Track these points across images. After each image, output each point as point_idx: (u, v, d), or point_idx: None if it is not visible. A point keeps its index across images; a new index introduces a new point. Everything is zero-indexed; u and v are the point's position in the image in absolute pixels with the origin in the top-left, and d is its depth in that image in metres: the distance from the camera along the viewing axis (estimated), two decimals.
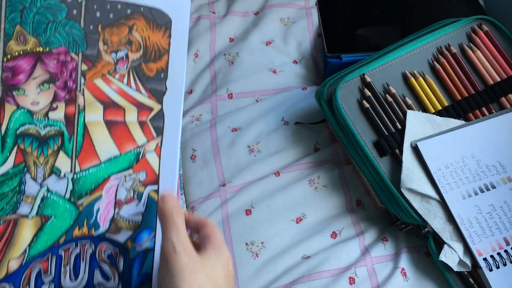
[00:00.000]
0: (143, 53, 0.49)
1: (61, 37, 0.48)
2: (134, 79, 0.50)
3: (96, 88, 0.49)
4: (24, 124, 0.48)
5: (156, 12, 0.49)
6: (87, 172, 0.49)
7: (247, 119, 0.69)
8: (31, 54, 0.47)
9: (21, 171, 0.48)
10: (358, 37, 0.71)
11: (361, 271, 0.57)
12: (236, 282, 0.58)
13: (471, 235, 0.54)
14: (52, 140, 0.48)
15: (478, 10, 0.72)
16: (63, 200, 0.48)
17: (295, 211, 0.62)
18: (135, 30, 0.49)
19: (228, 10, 0.79)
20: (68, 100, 0.48)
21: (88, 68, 0.48)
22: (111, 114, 0.49)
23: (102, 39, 0.48)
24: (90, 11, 0.48)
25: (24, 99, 0.47)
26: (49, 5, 0.47)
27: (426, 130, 0.58)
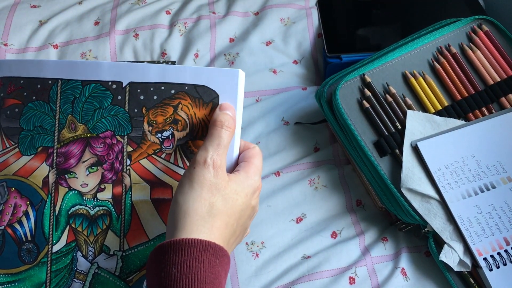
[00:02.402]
0: (190, 131, 0.49)
1: (107, 122, 0.50)
2: (181, 157, 0.49)
3: (142, 168, 0.50)
4: (75, 205, 0.50)
5: (202, 89, 0.48)
6: (135, 250, 0.49)
7: (247, 119, 0.69)
8: (81, 140, 0.50)
9: (73, 249, 0.50)
10: (358, 37, 0.71)
11: (361, 271, 0.57)
12: (236, 282, 0.58)
13: (471, 235, 0.54)
14: (101, 220, 0.50)
15: (478, 10, 0.72)
16: (113, 277, 0.49)
17: (295, 211, 0.62)
18: (180, 109, 0.49)
19: (228, 10, 0.79)
20: (115, 181, 0.50)
21: (133, 150, 0.50)
22: (159, 193, 0.49)
23: (147, 121, 0.49)
24: (134, 95, 0.49)
25: (75, 182, 0.50)
26: (96, 93, 0.50)
27: (426, 130, 0.58)
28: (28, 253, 0.50)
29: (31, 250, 0.50)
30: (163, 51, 0.75)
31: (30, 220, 0.50)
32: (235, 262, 0.59)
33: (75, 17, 0.78)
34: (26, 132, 0.52)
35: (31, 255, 0.50)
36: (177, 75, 0.49)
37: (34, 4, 0.79)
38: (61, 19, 0.77)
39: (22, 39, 0.76)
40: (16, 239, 0.50)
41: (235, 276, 0.58)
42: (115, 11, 0.78)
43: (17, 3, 0.79)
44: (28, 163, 0.51)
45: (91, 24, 0.77)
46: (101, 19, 0.77)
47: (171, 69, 0.49)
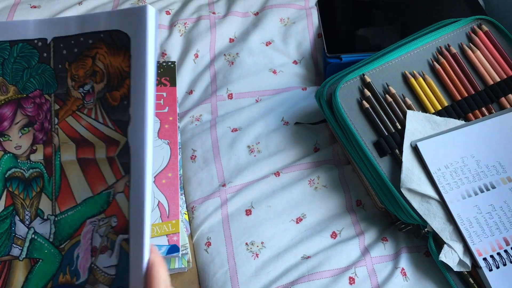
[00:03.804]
0: (107, 82, 0.47)
1: (35, 81, 0.50)
2: (100, 111, 0.48)
3: (68, 126, 0.49)
4: (11, 168, 0.50)
5: (115, 35, 0.47)
6: (66, 214, 0.49)
7: (247, 119, 0.69)
8: (12, 101, 0.50)
9: (11, 213, 0.49)
10: (358, 37, 0.71)
11: (361, 271, 0.57)
12: (236, 282, 0.58)
13: (471, 235, 0.54)
14: (35, 182, 0.49)
15: (478, 10, 0.72)
16: (48, 243, 0.49)
17: (295, 211, 0.62)
18: (98, 60, 0.48)
19: (228, 10, 0.79)
20: (46, 142, 0.49)
21: (60, 107, 0.49)
22: (83, 152, 0.49)
23: (70, 76, 0.49)
24: (58, 51, 0.49)
25: (9, 144, 0.50)
26: (23, 53, 0.50)
27: (426, 130, 0.58)
28: None
29: None
30: (163, 51, 0.75)
31: None
32: (235, 262, 0.59)
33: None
34: None
35: None
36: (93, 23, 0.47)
37: (34, 5, 0.79)
38: None
39: None
40: None
41: (235, 276, 0.58)
42: None
43: (17, 4, 0.79)
44: None
45: None
46: None
47: (88, 18, 0.48)
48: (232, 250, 0.60)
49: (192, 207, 0.63)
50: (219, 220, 0.62)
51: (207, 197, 0.63)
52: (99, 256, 0.48)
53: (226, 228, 0.61)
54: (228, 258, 0.59)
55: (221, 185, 0.64)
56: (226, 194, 0.63)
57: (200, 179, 0.65)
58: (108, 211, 0.48)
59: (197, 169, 0.66)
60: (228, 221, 0.62)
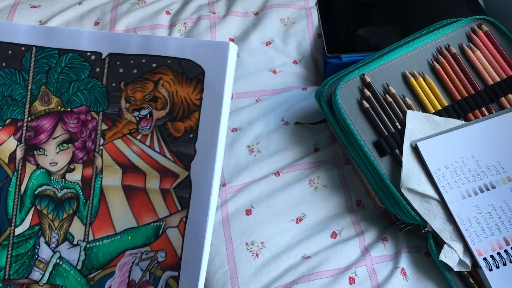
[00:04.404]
0: (169, 110, 0.44)
1: (83, 96, 0.46)
2: (158, 140, 0.45)
3: (116, 149, 0.45)
4: (42, 185, 0.46)
5: (186, 64, 0.44)
6: (100, 242, 0.45)
7: (247, 119, 0.69)
8: (53, 114, 0.46)
9: (36, 234, 0.46)
10: (358, 37, 0.71)
11: (361, 271, 0.57)
12: (236, 281, 0.58)
13: (471, 235, 0.54)
14: (68, 204, 0.46)
15: (478, 10, 0.72)
16: (74, 270, 0.45)
17: (295, 211, 0.62)
18: (161, 85, 0.45)
19: (228, 10, 0.79)
20: (86, 162, 0.46)
21: (108, 128, 0.45)
22: (130, 179, 0.45)
23: (125, 97, 0.45)
24: (113, 68, 0.45)
25: (44, 159, 0.46)
26: (73, 64, 0.46)
27: (426, 130, 0.58)
28: None
29: None
30: None
31: None
32: (235, 262, 0.59)
33: (75, 17, 0.78)
34: None
35: None
36: (160, 46, 0.44)
37: (34, 5, 0.79)
38: (61, 19, 0.77)
39: None
40: None
41: (235, 276, 0.58)
42: (115, 11, 0.78)
43: (17, 4, 0.79)
44: None
45: (91, 24, 0.77)
46: (101, 19, 0.77)
47: (154, 40, 0.44)
48: (232, 250, 0.60)
49: None
50: (219, 220, 0.62)
51: None
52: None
53: (226, 228, 0.61)
54: (228, 258, 0.59)
55: (221, 185, 0.64)
56: (226, 194, 0.63)
57: None
58: (155, 245, 0.45)
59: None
60: (228, 221, 0.62)
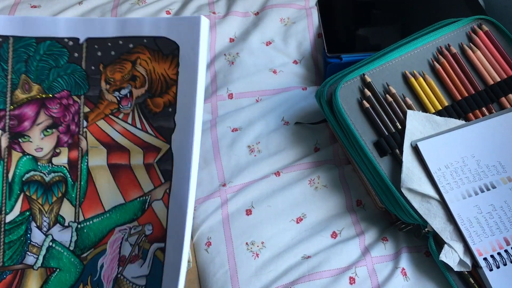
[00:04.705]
0: (148, 87, 0.46)
1: (63, 81, 0.47)
2: (139, 117, 0.46)
3: (99, 130, 0.46)
4: (29, 171, 0.47)
5: (161, 41, 0.45)
6: (91, 222, 0.46)
7: (247, 119, 0.69)
8: (35, 101, 0.47)
9: (27, 219, 0.47)
10: (358, 37, 0.71)
11: (361, 271, 0.57)
12: (236, 282, 0.58)
13: (471, 235, 0.54)
14: (56, 187, 0.47)
15: (478, 10, 0.72)
16: (67, 251, 0.46)
17: (295, 211, 0.62)
18: (138, 64, 0.46)
19: (228, 10, 0.79)
20: (71, 145, 0.47)
21: (90, 110, 0.47)
22: (115, 158, 0.46)
23: (104, 79, 0.46)
24: (91, 52, 0.46)
25: (29, 146, 0.47)
26: (51, 51, 0.47)
27: (426, 130, 0.58)
28: None
29: None
30: None
31: None
32: (235, 262, 0.59)
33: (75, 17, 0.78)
34: None
35: None
36: (136, 27, 0.45)
37: (34, 4, 0.79)
38: None
39: None
40: None
41: (235, 276, 0.58)
42: (115, 11, 0.78)
43: (17, 3, 0.79)
44: None
45: None
46: None
47: (130, 22, 0.45)
48: (232, 250, 0.60)
49: None
50: (219, 220, 0.62)
51: (207, 197, 0.63)
52: (128, 265, 0.45)
53: (226, 228, 0.61)
54: (228, 258, 0.59)
55: (221, 185, 0.64)
56: (226, 194, 0.63)
57: (200, 179, 0.65)
58: (142, 219, 0.46)
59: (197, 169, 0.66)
60: (228, 221, 0.62)
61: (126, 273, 0.45)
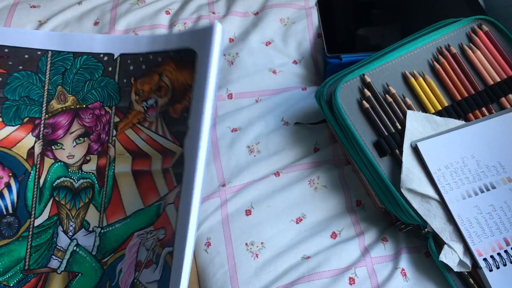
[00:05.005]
0: (171, 96, 0.47)
1: (97, 93, 0.50)
2: (161, 124, 0.48)
3: (126, 138, 0.49)
4: (60, 177, 0.49)
5: (185, 52, 0.46)
6: (113, 227, 0.48)
7: (247, 119, 0.69)
8: (70, 111, 0.50)
9: (54, 223, 0.48)
10: (358, 37, 0.71)
11: (361, 271, 0.57)
12: (236, 282, 0.58)
13: (471, 235, 0.54)
14: (84, 193, 0.49)
15: (478, 10, 0.72)
16: (90, 256, 0.47)
17: (295, 211, 0.62)
18: (164, 76, 0.48)
19: (228, 10, 0.78)
20: (101, 153, 0.49)
21: (120, 120, 0.49)
22: (139, 164, 0.48)
23: (134, 90, 0.49)
24: (124, 66, 0.49)
25: (61, 153, 0.49)
26: (87, 65, 0.50)
27: (426, 130, 0.58)
28: (8, 227, 0.48)
29: (12, 224, 0.48)
30: None
31: (12, 192, 0.48)
32: (235, 262, 0.59)
33: (74, 17, 0.78)
34: (11, 102, 0.49)
35: (12, 229, 0.48)
36: (165, 42, 0.47)
37: (33, 4, 0.79)
38: (61, 19, 0.77)
39: None
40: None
41: (235, 276, 0.58)
42: (115, 11, 0.78)
43: (17, 3, 0.79)
44: (12, 134, 0.49)
45: (90, 24, 0.77)
46: (101, 19, 0.77)
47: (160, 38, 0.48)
48: (232, 250, 0.60)
49: None
50: (219, 220, 0.62)
51: (206, 197, 0.63)
52: (143, 270, 0.45)
53: (226, 228, 0.61)
54: (228, 258, 0.59)
55: (221, 185, 0.64)
56: (226, 194, 0.63)
57: None
58: (157, 224, 0.47)
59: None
60: (228, 221, 0.61)
61: (141, 278, 0.46)
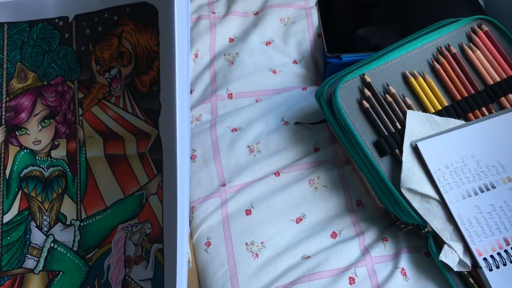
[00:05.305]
0: (135, 64, 0.41)
1: (57, 66, 0.44)
2: (129, 99, 0.42)
3: (94, 117, 0.43)
4: (28, 166, 0.43)
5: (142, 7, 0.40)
6: (94, 219, 0.42)
7: (247, 119, 0.69)
8: (32, 90, 0.44)
9: (26, 219, 0.43)
10: (358, 37, 0.71)
11: (361, 271, 0.57)
12: (236, 282, 0.58)
13: (471, 235, 0.54)
14: (56, 183, 0.43)
15: (478, 10, 0.72)
16: (71, 253, 0.42)
17: (295, 211, 0.62)
18: (124, 38, 0.42)
19: (228, 10, 0.79)
20: (69, 135, 0.43)
21: (84, 96, 0.43)
22: (111, 147, 0.42)
23: (94, 59, 0.43)
24: (80, 30, 0.43)
25: (27, 139, 0.44)
26: (43, 34, 0.44)
27: (426, 130, 0.58)
28: None
29: None
30: None
31: None
32: (235, 262, 0.59)
33: None
34: None
35: None
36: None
37: None
38: None
39: None
40: None
41: (234, 276, 0.58)
42: None
43: None
44: None
45: None
46: None
47: None
48: (232, 250, 0.60)
49: (192, 207, 0.63)
50: (219, 220, 0.62)
51: (207, 197, 0.63)
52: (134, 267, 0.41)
53: (226, 228, 0.61)
54: (228, 258, 0.59)
55: (221, 185, 0.64)
56: (226, 194, 0.63)
57: (200, 179, 0.65)
58: (141, 216, 0.42)
59: (197, 169, 0.66)
60: (228, 221, 0.61)
61: (133, 275, 0.41)
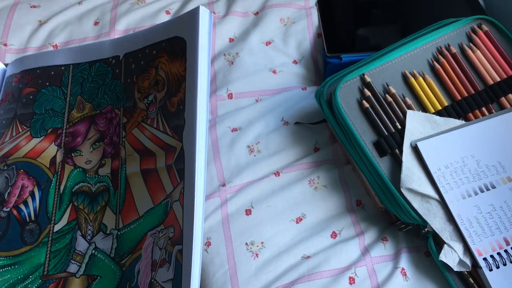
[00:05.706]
0: (167, 89, 0.47)
1: (108, 97, 0.51)
2: (161, 120, 0.48)
3: (134, 138, 0.49)
4: (79, 182, 0.50)
5: (174, 41, 0.47)
6: (129, 228, 0.47)
7: (247, 119, 0.69)
8: (87, 118, 0.51)
9: (73, 228, 0.49)
10: (358, 37, 0.71)
11: (361, 271, 0.57)
12: (236, 282, 0.58)
13: (471, 235, 0.54)
14: (100, 197, 0.49)
15: (478, 10, 0.72)
16: (108, 259, 0.47)
17: (295, 211, 0.62)
18: (160, 69, 0.48)
19: (228, 10, 0.79)
20: (114, 155, 0.50)
21: (127, 120, 0.49)
22: (146, 163, 0.48)
23: (137, 88, 0.49)
24: (128, 66, 0.50)
25: (80, 159, 0.51)
26: (99, 71, 0.51)
27: (426, 130, 0.58)
28: (30, 234, 0.49)
29: (33, 231, 0.49)
30: None
31: (35, 200, 0.50)
32: (235, 262, 0.59)
33: (74, 17, 0.78)
34: (38, 116, 0.52)
35: (33, 236, 0.49)
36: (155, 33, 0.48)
37: (33, 4, 0.79)
38: (61, 19, 0.77)
39: (22, 39, 0.76)
40: (21, 220, 0.49)
41: (234, 276, 0.58)
42: (115, 11, 0.78)
43: (17, 3, 0.79)
44: (38, 145, 0.51)
45: (90, 24, 0.77)
46: (101, 19, 0.77)
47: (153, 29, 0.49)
48: (232, 250, 0.60)
49: None
50: (219, 220, 0.62)
51: (207, 197, 0.63)
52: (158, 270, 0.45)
53: (226, 228, 0.61)
54: (228, 258, 0.59)
55: (220, 185, 0.64)
56: (226, 194, 0.63)
57: None
58: (166, 222, 0.46)
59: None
60: (228, 221, 0.61)
61: (158, 277, 0.45)
